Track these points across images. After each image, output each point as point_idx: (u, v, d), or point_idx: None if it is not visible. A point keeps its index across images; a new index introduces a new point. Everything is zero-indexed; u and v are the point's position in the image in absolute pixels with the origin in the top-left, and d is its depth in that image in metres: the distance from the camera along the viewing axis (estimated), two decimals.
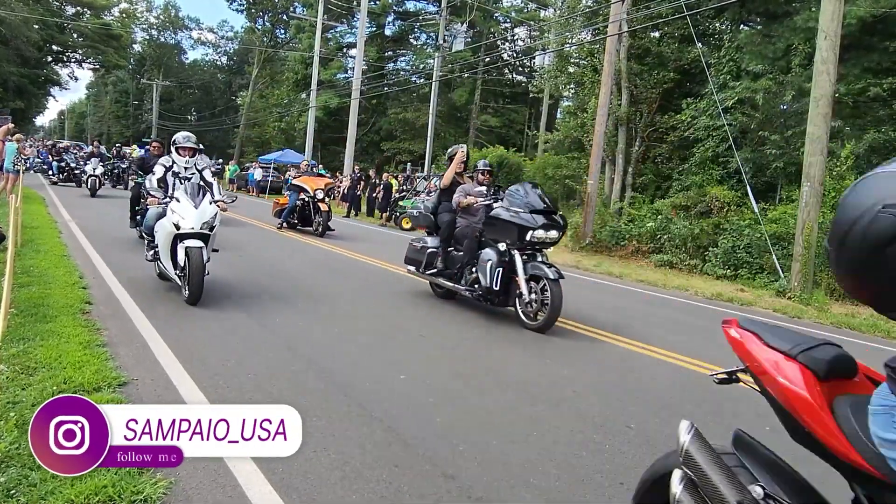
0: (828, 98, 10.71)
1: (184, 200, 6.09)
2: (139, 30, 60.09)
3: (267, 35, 51.36)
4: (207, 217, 6.10)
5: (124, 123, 62.36)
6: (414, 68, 40.83)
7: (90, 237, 9.96)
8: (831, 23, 10.53)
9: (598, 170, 16.14)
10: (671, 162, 19.79)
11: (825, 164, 11.13)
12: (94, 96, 74.00)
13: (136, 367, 4.14)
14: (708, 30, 19.62)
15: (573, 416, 4.03)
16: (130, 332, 4.95)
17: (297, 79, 42.77)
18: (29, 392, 3.47)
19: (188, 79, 62.09)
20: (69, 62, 52.16)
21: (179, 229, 5.98)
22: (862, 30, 13.69)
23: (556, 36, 25.39)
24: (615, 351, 5.91)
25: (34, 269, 6.77)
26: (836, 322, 8.89)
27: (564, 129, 23.72)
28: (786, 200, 14.49)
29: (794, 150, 14.39)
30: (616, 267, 12.93)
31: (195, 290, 5.93)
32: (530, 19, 37.41)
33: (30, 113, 51.42)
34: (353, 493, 2.80)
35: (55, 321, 4.88)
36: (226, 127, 53.39)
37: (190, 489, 2.69)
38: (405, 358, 4.86)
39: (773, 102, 15.65)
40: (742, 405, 4.58)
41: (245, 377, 4.18)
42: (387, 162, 38.47)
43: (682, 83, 20.07)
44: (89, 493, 2.52)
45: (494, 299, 6.68)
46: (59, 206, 14.76)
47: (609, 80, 15.56)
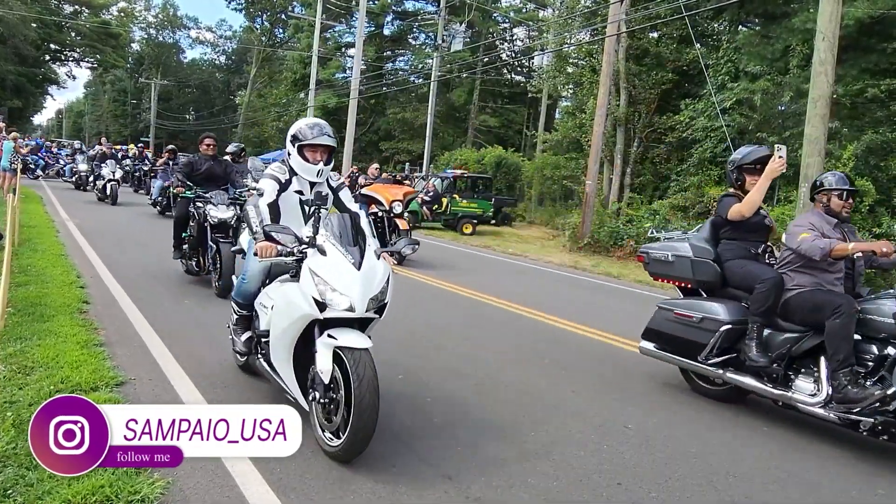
0: (826, 99, 10.72)
1: (333, 254, 3.17)
2: (137, 29, 60.02)
3: (265, 34, 51.35)
4: (377, 287, 3.17)
5: (122, 122, 62.19)
6: (412, 68, 40.81)
7: (87, 236, 9.93)
8: (829, 24, 10.54)
9: (597, 170, 16.14)
10: (669, 162, 19.82)
11: (823, 165, 11.14)
12: (92, 95, 73.75)
13: (134, 366, 4.13)
14: (706, 31, 19.66)
15: (571, 417, 4.03)
16: (128, 332, 4.94)
17: (295, 78, 42.70)
18: (26, 392, 3.46)
19: (186, 78, 61.95)
20: (67, 61, 52.05)
21: (324, 311, 3.08)
22: (860, 31, 13.71)
23: (555, 36, 25.39)
24: (613, 351, 5.91)
25: (31, 269, 6.75)
26: None
27: (563, 129, 23.74)
28: (783, 201, 14.51)
29: (792, 151, 14.40)
30: (614, 267, 12.93)
31: (357, 447, 3.00)
32: (529, 19, 37.40)
33: (27, 112, 51.27)
34: (351, 494, 2.80)
35: (52, 320, 4.87)
36: (224, 126, 53.27)
37: (187, 489, 2.69)
38: (403, 357, 4.85)
39: (772, 103, 15.68)
40: (739, 405, 4.58)
41: (243, 377, 4.18)
42: (385, 162, 38.45)
43: (681, 84, 20.10)
44: (86, 493, 2.51)
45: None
46: (56, 205, 14.72)
47: (607, 80, 15.56)
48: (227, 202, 6.90)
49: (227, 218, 6.80)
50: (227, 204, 6.87)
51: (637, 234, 14.98)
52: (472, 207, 19.14)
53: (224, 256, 6.34)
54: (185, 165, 7.59)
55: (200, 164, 7.44)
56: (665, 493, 3.10)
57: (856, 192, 4.57)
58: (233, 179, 7.54)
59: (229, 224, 6.80)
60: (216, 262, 6.61)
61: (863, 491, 3.37)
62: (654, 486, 3.16)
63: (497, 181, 24.74)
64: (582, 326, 6.74)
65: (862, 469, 3.63)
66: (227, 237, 6.69)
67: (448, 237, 17.02)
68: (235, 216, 6.80)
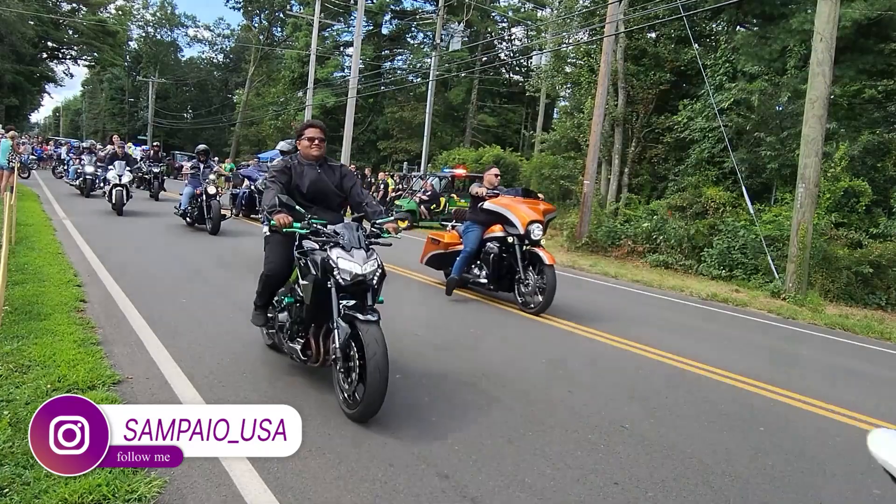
0: (823, 100, 10.75)
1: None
2: (135, 27, 59.95)
3: (263, 33, 51.25)
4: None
5: (120, 121, 62.02)
6: (410, 67, 40.79)
7: (85, 235, 9.91)
8: (827, 25, 10.56)
9: (595, 170, 16.15)
10: (667, 163, 19.85)
11: (820, 166, 11.18)
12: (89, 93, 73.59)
13: (131, 365, 4.13)
14: (704, 31, 19.67)
15: (568, 416, 4.04)
16: (125, 331, 4.93)
17: (293, 77, 42.65)
18: (23, 390, 3.45)
19: (184, 76, 61.85)
20: (64, 59, 51.88)
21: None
22: (857, 32, 13.75)
23: (553, 36, 25.40)
24: (610, 351, 5.92)
25: (28, 267, 6.73)
26: (829, 323, 8.93)
27: (561, 129, 23.75)
28: (781, 202, 14.53)
29: (790, 151, 14.44)
30: (612, 267, 12.95)
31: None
32: (527, 19, 37.43)
33: (24, 110, 51.11)
34: (348, 493, 2.80)
35: (49, 319, 4.86)
36: (222, 125, 53.24)
37: (184, 488, 2.69)
38: (401, 357, 4.85)
39: (769, 104, 15.70)
40: (736, 405, 4.60)
41: (240, 375, 4.18)
42: (383, 161, 38.44)
43: (679, 84, 20.13)
44: (83, 492, 2.51)
45: None
46: (53, 204, 14.69)
47: (605, 80, 15.58)
48: (366, 243, 3.84)
49: (368, 274, 3.71)
50: (364, 247, 3.79)
51: (634, 233, 15.02)
52: None
53: (368, 348, 3.42)
54: (281, 174, 4.22)
55: (303, 172, 4.25)
56: (661, 492, 3.11)
57: None
58: (358, 196, 4.41)
59: (370, 285, 3.75)
60: (349, 354, 3.59)
61: (859, 491, 3.38)
62: (651, 485, 3.17)
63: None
64: (579, 326, 6.75)
65: (857, 469, 3.64)
66: (369, 311, 3.60)
67: None
68: (379, 269, 3.83)
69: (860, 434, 4.25)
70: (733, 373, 5.41)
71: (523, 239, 7.28)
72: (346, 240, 3.72)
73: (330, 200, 4.31)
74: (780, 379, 5.39)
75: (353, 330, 3.54)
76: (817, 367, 6.30)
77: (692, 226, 14.34)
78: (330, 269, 3.65)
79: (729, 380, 5.23)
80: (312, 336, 3.89)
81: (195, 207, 11.96)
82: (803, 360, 6.61)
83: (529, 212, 7.32)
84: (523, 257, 7.28)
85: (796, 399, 4.86)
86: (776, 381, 5.30)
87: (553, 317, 7.01)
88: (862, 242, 12.35)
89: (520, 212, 7.30)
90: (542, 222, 7.32)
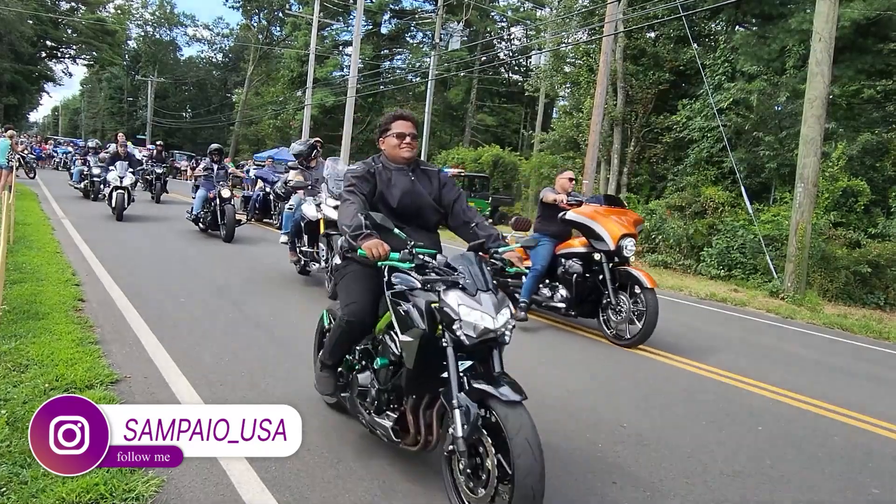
0: (822, 100, 10.75)
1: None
2: (134, 26, 59.89)
3: (262, 32, 51.23)
4: None
5: (118, 120, 61.97)
6: (410, 67, 40.80)
7: (83, 234, 9.90)
8: (825, 25, 10.57)
9: (594, 170, 16.16)
10: (666, 162, 19.86)
11: (819, 166, 11.18)
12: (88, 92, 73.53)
13: (129, 364, 4.12)
14: (703, 31, 19.68)
15: (566, 416, 4.03)
16: (123, 330, 4.92)
17: (292, 76, 42.63)
18: (21, 389, 3.44)
19: (183, 76, 61.83)
20: (63, 58, 51.80)
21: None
22: (856, 32, 13.76)
23: (552, 35, 25.40)
24: (608, 351, 5.92)
25: (26, 266, 6.72)
26: (828, 322, 8.93)
27: (560, 128, 23.74)
28: (779, 201, 14.56)
29: (788, 151, 14.46)
30: None
31: None
32: (526, 18, 37.43)
33: (23, 109, 51.05)
34: (346, 492, 2.80)
35: (47, 318, 4.85)
36: (221, 124, 53.19)
37: (182, 487, 2.68)
38: None
39: (768, 104, 15.71)
40: (735, 405, 4.60)
41: (239, 375, 4.17)
42: None
43: (678, 84, 20.13)
44: (81, 491, 2.51)
45: None
46: (51, 203, 14.67)
47: (605, 80, 15.58)
48: (493, 283, 2.75)
49: (501, 328, 2.66)
50: (493, 288, 2.71)
51: None
52: None
53: (515, 446, 2.32)
54: (362, 181, 3.14)
55: (390, 180, 3.20)
56: (659, 492, 3.11)
57: None
58: (464, 214, 3.33)
59: (502, 342, 2.73)
60: (478, 449, 2.51)
61: (857, 490, 3.38)
62: (649, 485, 3.17)
63: (494, 180, 24.77)
64: (576, 326, 6.75)
65: (856, 468, 3.64)
66: (504, 382, 2.55)
67: (445, 236, 16.92)
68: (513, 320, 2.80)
69: (858, 433, 4.25)
70: (732, 372, 5.42)
71: (612, 256, 6.17)
72: (467, 278, 2.63)
73: (425, 218, 3.24)
74: (778, 378, 5.39)
75: (485, 412, 2.49)
76: (816, 367, 6.30)
77: (691, 225, 14.35)
78: (447, 320, 2.57)
79: (728, 379, 5.23)
80: (410, 410, 2.79)
81: (208, 212, 11.11)
82: (802, 359, 6.61)
83: (619, 224, 6.19)
84: (613, 278, 6.16)
85: (795, 399, 4.86)
86: (775, 380, 5.31)
87: (550, 318, 6.99)
88: (860, 242, 12.37)
89: (610, 224, 6.16)
90: (634, 236, 6.24)
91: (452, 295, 2.59)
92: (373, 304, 3.06)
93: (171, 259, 8.74)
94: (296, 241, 8.00)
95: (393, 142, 3.22)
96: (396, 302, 2.80)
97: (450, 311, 2.57)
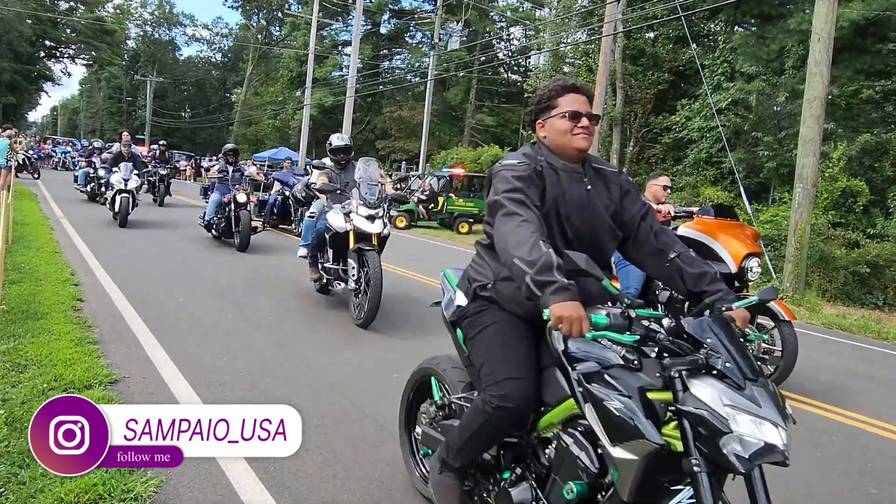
0: (821, 100, 10.76)
1: None
2: (133, 26, 59.86)
3: (262, 32, 51.27)
4: None
5: (118, 120, 61.94)
6: (409, 67, 40.83)
7: (82, 233, 9.89)
8: (825, 25, 10.58)
9: None
10: (665, 162, 19.88)
11: (818, 166, 11.19)
12: (87, 92, 73.50)
13: (128, 364, 4.12)
14: (702, 31, 19.72)
15: None
16: (122, 330, 4.92)
17: (291, 76, 42.67)
18: (19, 389, 3.44)
19: (182, 75, 61.81)
20: (62, 58, 51.80)
21: None
22: (855, 32, 13.78)
23: (552, 35, 25.42)
24: None
25: (25, 266, 6.72)
26: (827, 323, 8.94)
27: None
28: (778, 202, 14.58)
29: (787, 151, 14.47)
30: None
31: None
32: (526, 19, 37.45)
33: (22, 109, 51.03)
34: (345, 493, 2.80)
35: (46, 318, 4.85)
36: (220, 124, 53.21)
37: (181, 487, 2.68)
38: (398, 356, 4.85)
39: (767, 104, 15.74)
40: None
41: (238, 375, 4.17)
42: (381, 161, 38.45)
43: (677, 84, 20.17)
44: (79, 492, 2.50)
45: None
46: (50, 203, 14.67)
47: (604, 80, 15.59)
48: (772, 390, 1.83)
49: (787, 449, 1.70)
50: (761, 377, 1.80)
51: None
52: (469, 206, 19.15)
53: None
54: (530, 184, 2.04)
55: (562, 185, 2.12)
56: None
57: None
58: (660, 241, 2.20)
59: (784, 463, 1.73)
60: None
61: (855, 491, 3.39)
62: None
63: None
64: None
65: (854, 468, 3.65)
66: None
67: (444, 236, 17.02)
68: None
69: (857, 433, 4.26)
70: None
71: (732, 280, 5.04)
72: (726, 359, 1.69)
73: (602, 241, 2.17)
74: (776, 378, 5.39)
75: None
76: (814, 367, 6.31)
77: None
78: (706, 430, 1.66)
79: None
80: None
81: (222, 218, 10.23)
82: (801, 359, 6.59)
83: (741, 243, 5.12)
84: None
85: (793, 399, 4.86)
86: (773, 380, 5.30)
87: None
88: (859, 242, 12.39)
89: (730, 242, 5.09)
90: (759, 255, 5.20)
91: (708, 388, 1.64)
92: (536, 380, 2.02)
93: (173, 260, 8.73)
94: (317, 256, 6.78)
95: (561, 125, 2.12)
96: (593, 392, 1.76)
97: (709, 415, 1.61)
